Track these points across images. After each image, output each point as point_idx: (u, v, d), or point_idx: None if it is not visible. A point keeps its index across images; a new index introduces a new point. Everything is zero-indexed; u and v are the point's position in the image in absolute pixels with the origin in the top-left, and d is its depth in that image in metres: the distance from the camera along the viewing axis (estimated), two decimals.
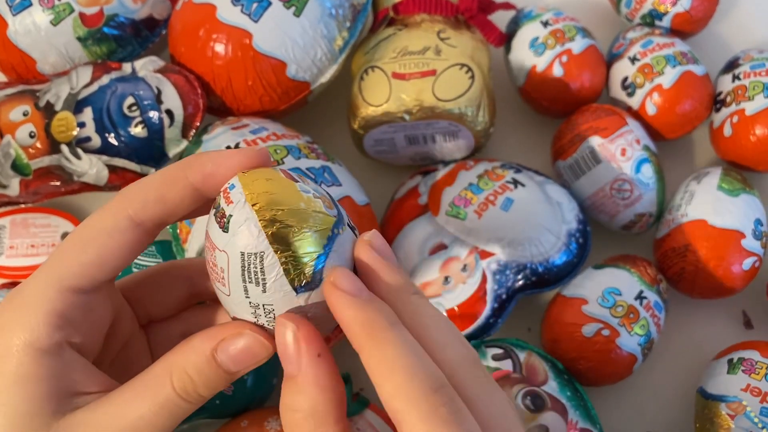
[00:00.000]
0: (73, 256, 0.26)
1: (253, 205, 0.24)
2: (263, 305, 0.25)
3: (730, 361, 0.43)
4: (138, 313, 0.30)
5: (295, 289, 0.24)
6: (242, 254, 0.24)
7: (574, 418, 0.40)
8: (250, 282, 0.24)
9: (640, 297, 0.43)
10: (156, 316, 0.31)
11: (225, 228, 0.24)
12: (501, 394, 0.25)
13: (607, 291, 0.43)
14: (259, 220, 0.24)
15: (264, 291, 0.24)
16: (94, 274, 0.26)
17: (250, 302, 0.25)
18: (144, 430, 0.25)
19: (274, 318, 0.25)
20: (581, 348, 0.42)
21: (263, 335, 0.26)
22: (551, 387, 0.41)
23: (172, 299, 0.31)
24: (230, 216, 0.24)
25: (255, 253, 0.24)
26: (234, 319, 0.27)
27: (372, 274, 0.26)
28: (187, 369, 0.25)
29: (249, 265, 0.24)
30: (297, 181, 0.26)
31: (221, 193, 0.25)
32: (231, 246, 0.24)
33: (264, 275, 0.24)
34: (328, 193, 0.26)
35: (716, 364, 0.44)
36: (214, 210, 0.25)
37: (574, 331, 0.43)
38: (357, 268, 0.26)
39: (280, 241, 0.24)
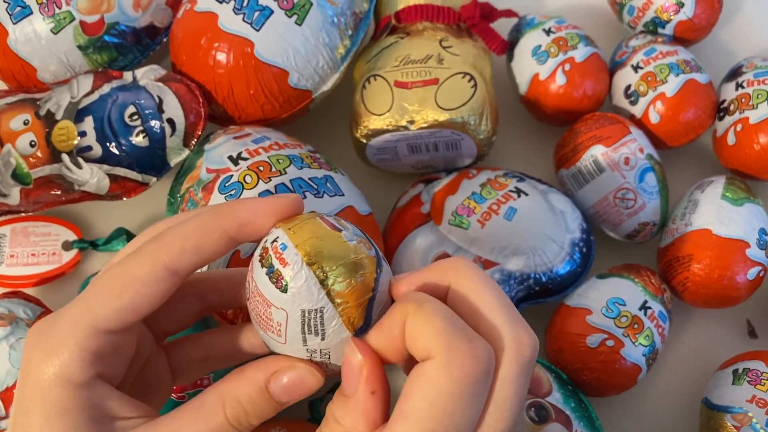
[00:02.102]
0: (107, 300, 0.26)
1: (310, 266, 0.25)
2: (320, 350, 0.26)
3: (735, 371, 0.43)
4: (151, 328, 0.31)
5: (353, 334, 0.26)
6: (302, 311, 0.25)
7: (579, 429, 0.40)
8: (309, 333, 0.26)
9: (644, 307, 0.43)
10: (169, 331, 0.32)
11: (283, 289, 0.25)
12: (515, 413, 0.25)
13: (612, 301, 0.43)
14: (318, 281, 0.25)
15: (323, 339, 0.26)
16: (126, 319, 0.26)
17: (307, 349, 0.26)
18: None
19: (329, 357, 0.27)
20: (585, 358, 0.42)
21: (315, 367, 0.27)
22: (555, 398, 0.41)
23: (184, 315, 0.32)
24: (288, 278, 0.25)
25: (315, 309, 0.25)
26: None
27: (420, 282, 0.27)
28: (240, 399, 0.26)
29: (309, 320, 0.25)
30: (340, 230, 0.27)
31: (272, 253, 0.26)
32: (290, 305, 0.25)
33: (324, 327, 0.26)
34: (362, 231, 0.28)
35: (721, 375, 0.43)
36: (267, 270, 0.26)
37: (578, 341, 0.42)
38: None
39: (338, 294, 0.25)
